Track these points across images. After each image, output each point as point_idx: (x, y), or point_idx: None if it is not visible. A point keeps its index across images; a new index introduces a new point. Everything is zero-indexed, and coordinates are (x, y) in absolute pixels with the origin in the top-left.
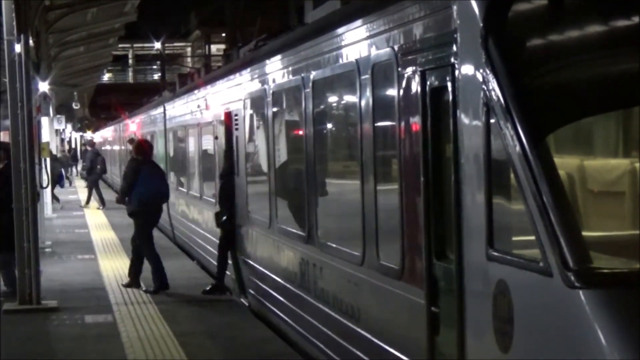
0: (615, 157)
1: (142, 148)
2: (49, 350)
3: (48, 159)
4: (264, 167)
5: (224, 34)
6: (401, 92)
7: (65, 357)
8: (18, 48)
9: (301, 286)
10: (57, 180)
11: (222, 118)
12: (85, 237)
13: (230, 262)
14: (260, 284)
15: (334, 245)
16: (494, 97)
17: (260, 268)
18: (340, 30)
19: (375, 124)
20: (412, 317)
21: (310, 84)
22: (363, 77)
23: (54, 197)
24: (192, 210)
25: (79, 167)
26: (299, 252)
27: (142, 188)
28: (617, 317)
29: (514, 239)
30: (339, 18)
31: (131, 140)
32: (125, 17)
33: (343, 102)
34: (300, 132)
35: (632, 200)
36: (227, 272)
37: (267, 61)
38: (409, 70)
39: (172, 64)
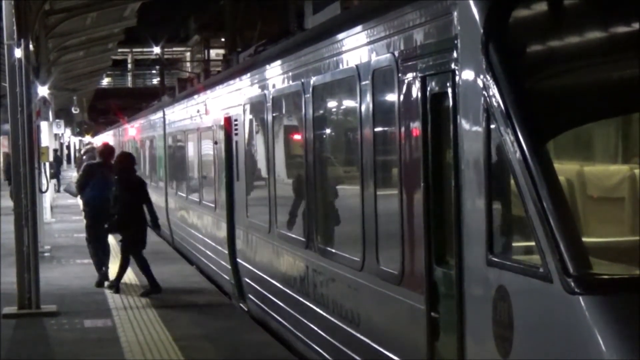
0: (614, 163)
1: (99, 152)
2: (48, 355)
3: (47, 164)
4: (264, 172)
5: (223, 39)
6: (401, 97)
7: None
8: (18, 52)
9: (300, 291)
10: None
11: (222, 123)
12: (84, 242)
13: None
14: (260, 288)
15: (333, 251)
16: (495, 103)
17: (260, 273)
18: (340, 36)
19: (376, 130)
20: (412, 322)
21: (311, 90)
22: (363, 83)
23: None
24: (191, 215)
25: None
26: (298, 257)
27: (90, 192)
28: (616, 323)
29: (514, 244)
30: (339, 24)
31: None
32: (124, 21)
33: (343, 107)
34: (300, 138)
35: (631, 206)
36: (226, 277)
37: (267, 66)
38: (409, 76)
39: (171, 69)
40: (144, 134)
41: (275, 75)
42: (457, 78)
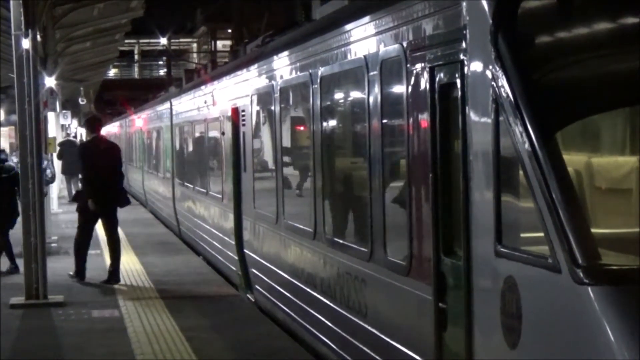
0: (622, 155)
1: None
2: (55, 345)
3: (54, 154)
4: (271, 163)
5: (229, 30)
6: (410, 88)
7: (72, 351)
8: (26, 43)
9: (308, 282)
10: None
11: (229, 114)
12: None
13: None
14: (267, 279)
15: (341, 242)
16: (503, 93)
17: (267, 264)
18: (348, 26)
19: (384, 121)
20: (420, 313)
21: (318, 80)
22: (371, 74)
23: None
24: (198, 206)
25: None
26: (306, 248)
27: None
28: (625, 314)
29: (523, 235)
30: (347, 14)
31: None
32: (131, 12)
33: (351, 98)
34: (308, 128)
35: (639, 197)
36: (233, 268)
37: (275, 57)
38: (418, 66)
39: (178, 60)
40: (150, 125)
41: (283, 66)
42: (465, 69)
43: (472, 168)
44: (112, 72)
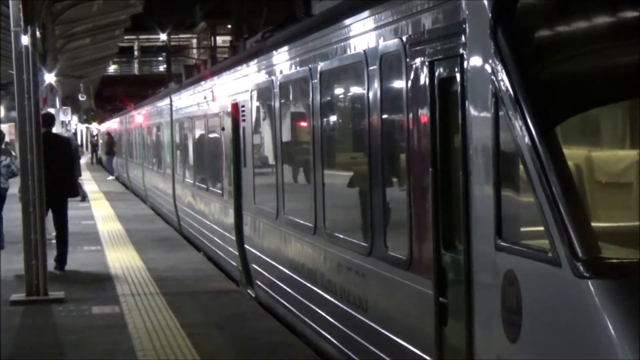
0: (622, 149)
1: None
2: (56, 341)
3: None
4: (271, 158)
5: (229, 26)
6: (409, 83)
7: (72, 348)
8: (25, 40)
9: (308, 277)
10: None
11: (229, 109)
12: (92, 229)
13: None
14: (267, 274)
15: (341, 236)
16: (503, 87)
17: (267, 259)
18: (347, 21)
19: (383, 115)
20: (420, 307)
21: (318, 75)
22: (371, 68)
23: None
24: (198, 202)
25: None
26: (306, 243)
27: None
28: (625, 307)
29: (523, 229)
30: (346, 9)
31: None
32: (131, 8)
33: (351, 93)
34: (308, 123)
35: (639, 191)
36: (233, 263)
37: (274, 52)
38: (418, 61)
39: (178, 56)
40: (150, 121)
41: (283, 61)
42: (465, 63)
43: (472, 162)
44: (111, 69)
